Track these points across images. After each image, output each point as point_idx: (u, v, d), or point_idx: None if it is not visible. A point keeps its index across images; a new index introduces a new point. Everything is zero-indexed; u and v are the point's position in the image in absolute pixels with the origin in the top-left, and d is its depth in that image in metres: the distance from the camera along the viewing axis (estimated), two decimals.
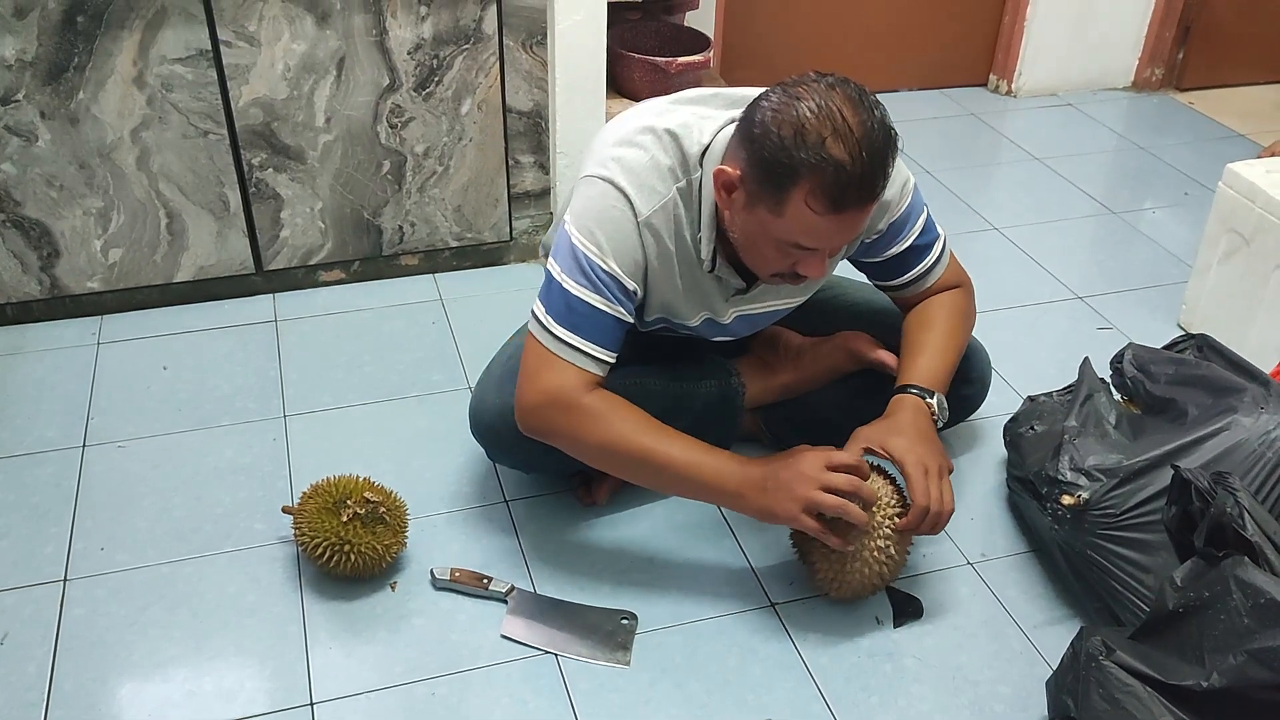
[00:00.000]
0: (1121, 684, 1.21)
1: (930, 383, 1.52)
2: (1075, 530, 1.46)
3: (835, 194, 1.26)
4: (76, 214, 2.00)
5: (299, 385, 1.94)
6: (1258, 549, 1.20)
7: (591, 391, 1.41)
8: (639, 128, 1.42)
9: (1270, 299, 1.96)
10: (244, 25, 1.91)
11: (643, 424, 1.42)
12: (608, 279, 1.39)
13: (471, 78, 2.08)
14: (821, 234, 1.32)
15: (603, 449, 1.42)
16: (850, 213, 1.29)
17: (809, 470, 1.38)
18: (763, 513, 1.41)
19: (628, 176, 1.39)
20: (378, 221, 2.18)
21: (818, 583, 1.49)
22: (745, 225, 1.36)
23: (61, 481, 1.72)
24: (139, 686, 1.40)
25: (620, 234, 1.39)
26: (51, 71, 1.86)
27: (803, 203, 1.28)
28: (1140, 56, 3.25)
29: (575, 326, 1.40)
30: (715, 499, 1.47)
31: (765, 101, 1.30)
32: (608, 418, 1.41)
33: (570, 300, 1.39)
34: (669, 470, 1.41)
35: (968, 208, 2.60)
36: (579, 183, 1.43)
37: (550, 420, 1.43)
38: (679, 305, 1.51)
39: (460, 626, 1.49)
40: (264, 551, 1.60)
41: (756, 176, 1.30)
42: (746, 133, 1.31)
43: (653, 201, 1.40)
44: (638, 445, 1.40)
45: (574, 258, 1.39)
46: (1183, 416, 1.51)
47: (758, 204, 1.32)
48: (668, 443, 1.41)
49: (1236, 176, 2.02)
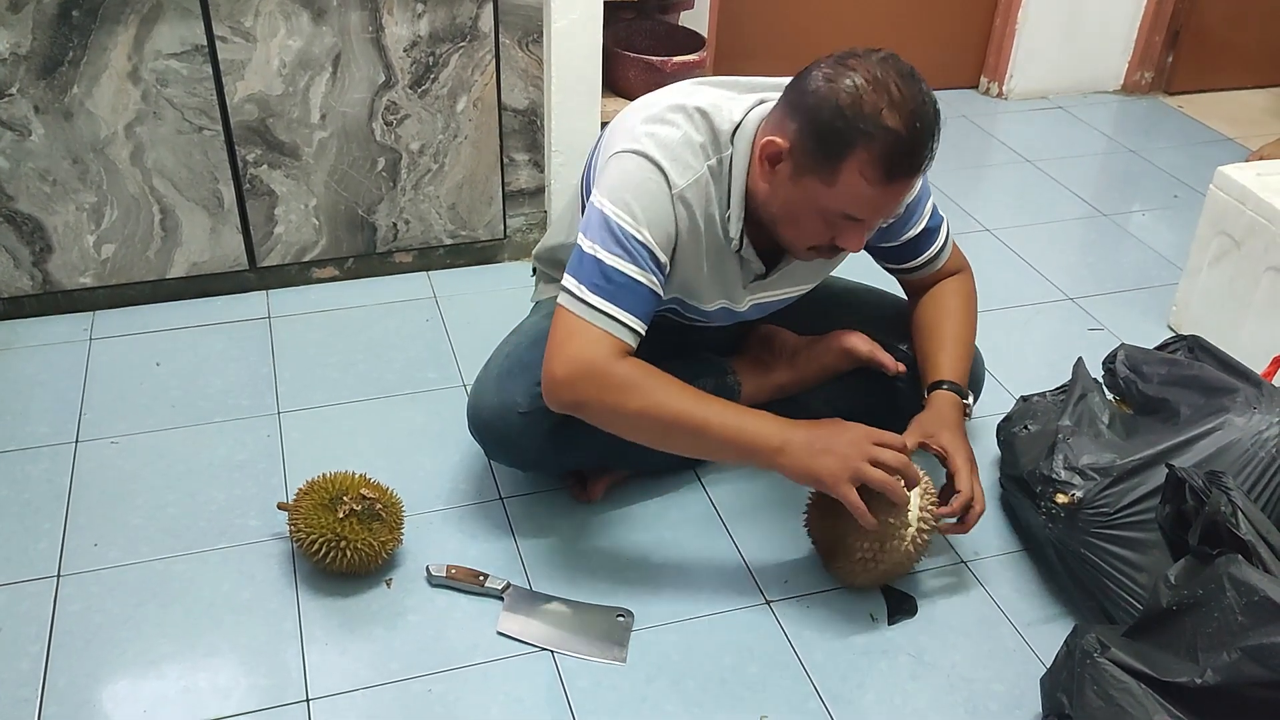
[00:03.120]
0: (1116, 681, 1.22)
1: (960, 378, 1.57)
2: (1069, 529, 1.47)
3: (889, 164, 1.29)
4: (69, 209, 1.99)
5: (292, 382, 1.94)
6: (1251, 547, 1.21)
7: (624, 360, 1.39)
8: (669, 105, 1.43)
9: (1260, 301, 1.97)
10: (240, 21, 1.91)
11: (678, 389, 1.39)
12: (642, 249, 1.38)
13: (467, 75, 2.08)
14: (870, 204, 1.34)
15: (641, 416, 1.38)
16: (900, 183, 1.32)
17: (860, 441, 1.38)
18: (805, 474, 1.38)
19: (662, 150, 1.39)
20: (372, 219, 2.18)
21: (854, 562, 1.47)
22: (790, 197, 1.37)
23: (54, 478, 1.71)
24: (133, 683, 1.40)
25: (655, 205, 1.39)
26: (45, 66, 1.85)
27: (856, 172, 1.29)
28: (1130, 60, 3.27)
29: (611, 296, 1.38)
30: (755, 459, 1.41)
31: (817, 72, 1.32)
32: (644, 385, 1.37)
33: (605, 269, 1.37)
34: (708, 433, 1.38)
35: (959, 209, 2.61)
36: (610, 160, 1.42)
37: (583, 391, 1.38)
38: (699, 286, 1.51)
39: (456, 623, 1.49)
40: (259, 548, 1.59)
41: (809, 146, 1.31)
42: (797, 103, 1.33)
43: (687, 175, 1.40)
44: (677, 410, 1.37)
45: (608, 229, 1.38)
46: (1175, 416, 1.52)
47: (807, 174, 1.33)
48: (706, 406, 1.39)
49: (1227, 179, 2.03)
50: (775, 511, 1.68)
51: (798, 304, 1.77)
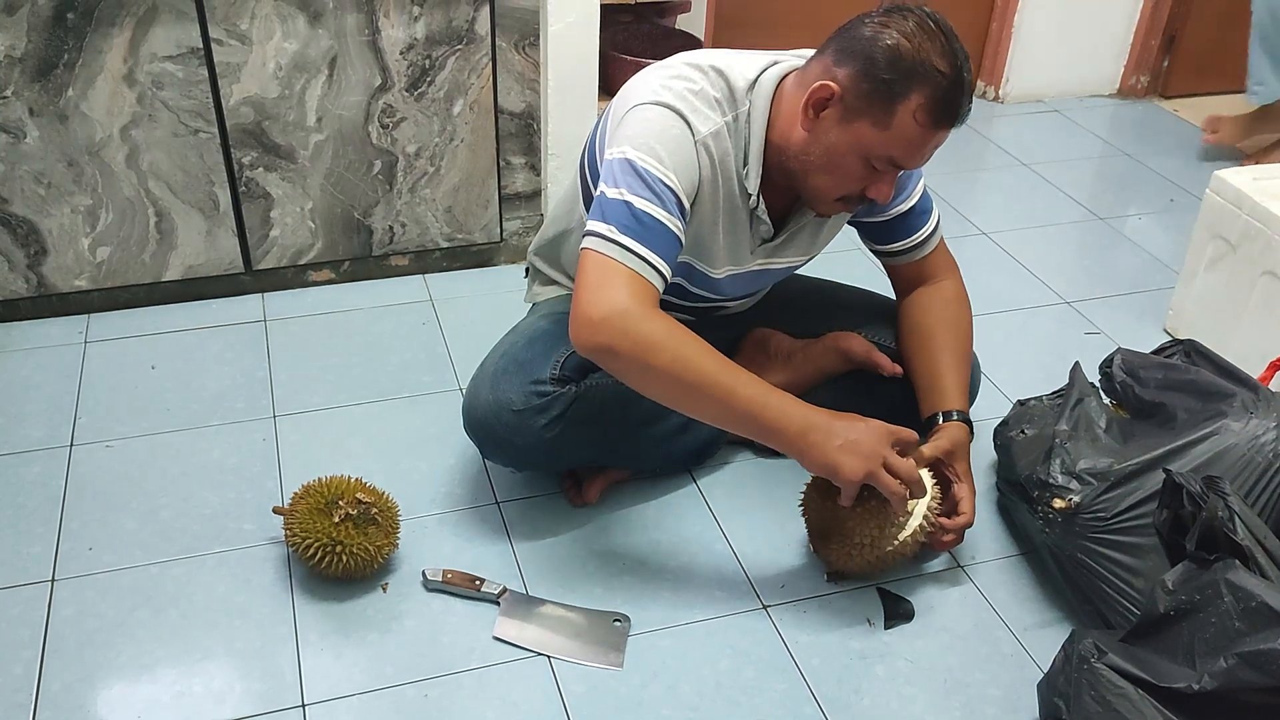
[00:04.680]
0: (1113, 686, 1.22)
1: (967, 404, 1.62)
2: (1066, 533, 1.47)
3: (941, 108, 1.34)
4: (64, 212, 1.98)
5: (288, 385, 1.93)
6: (1248, 553, 1.21)
7: (656, 308, 1.36)
8: (683, 63, 1.45)
9: (1256, 305, 1.97)
10: (235, 23, 1.90)
11: (709, 352, 1.36)
12: (669, 192, 1.37)
13: (463, 78, 2.08)
14: (916, 148, 1.38)
15: (667, 373, 1.33)
16: (943, 130, 1.37)
17: (882, 441, 1.39)
18: (825, 465, 1.38)
19: (682, 101, 1.40)
20: (368, 221, 2.17)
21: (850, 545, 1.49)
22: (835, 142, 1.38)
23: (48, 481, 1.70)
24: (127, 688, 1.39)
25: (680, 150, 1.39)
26: (40, 68, 1.85)
27: (911, 114, 1.33)
28: (1126, 64, 3.27)
29: (642, 237, 1.35)
30: (775, 439, 1.38)
31: (869, 20, 1.36)
32: (674, 340, 1.33)
33: (635, 211, 1.35)
34: (732, 401, 1.36)
35: (956, 213, 2.61)
36: (628, 114, 1.41)
37: (615, 338, 1.32)
38: (712, 245, 1.51)
39: (452, 628, 1.48)
40: (254, 552, 1.59)
41: (865, 89, 1.34)
42: (848, 49, 1.36)
43: (709, 124, 1.42)
44: (705, 371, 1.34)
45: (635, 173, 1.36)
46: (1172, 421, 1.52)
47: (860, 117, 1.36)
48: (734, 374, 1.37)
49: (1224, 183, 2.03)
50: (772, 515, 1.68)
51: (793, 306, 1.77)
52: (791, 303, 1.77)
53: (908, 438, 1.43)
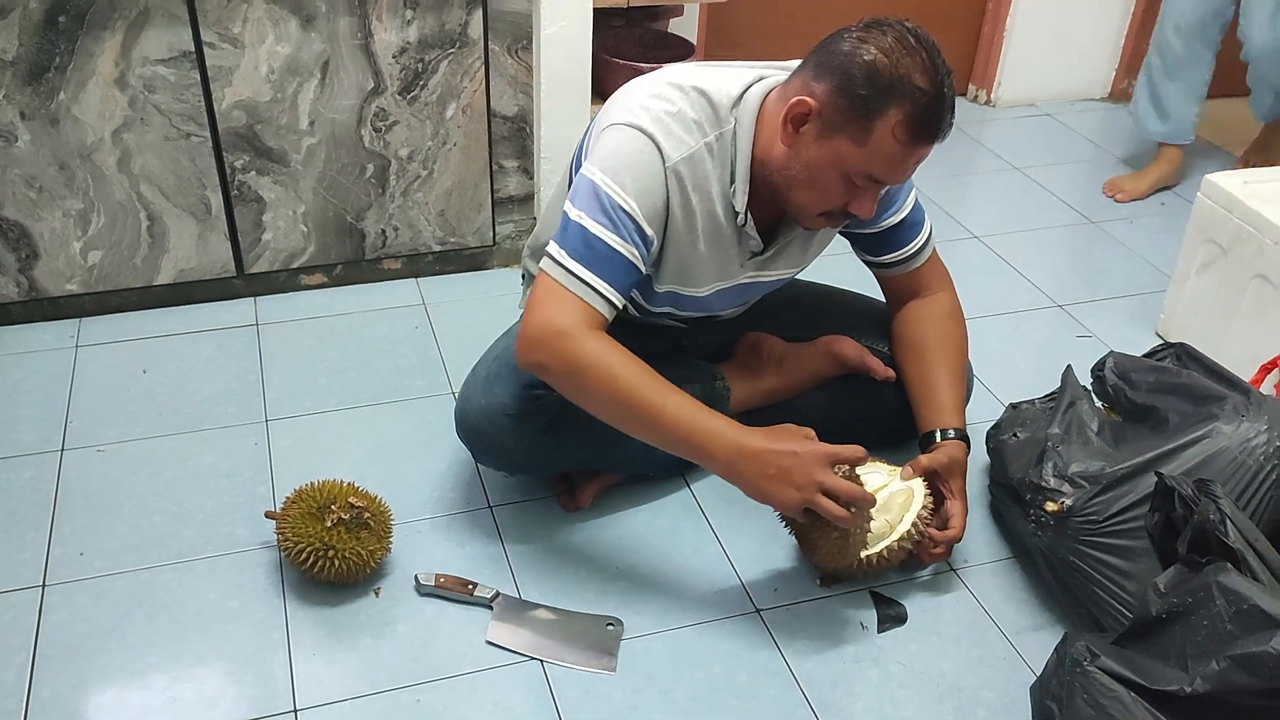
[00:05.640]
0: (1105, 689, 1.22)
1: (963, 420, 1.62)
2: (1058, 536, 1.47)
3: (920, 125, 1.32)
4: (56, 215, 1.98)
5: (280, 390, 1.93)
6: (1240, 556, 1.21)
7: (595, 331, 1.39)
8: (665, 83, 1.44)
9: (1247, 308, 1.98)
10: (228, 27, 1.90)
11: (642, 372, 1.38)
12: (627, 219, 1.39)
13: (456, 82, 2.07)
14: (896, 164, 1.36)
15: (598, 391, 1.38)
16: (924, 146, 1.36)
17: (814, 467, 1.36)
18: (757, 494, 1.39)
19: (656, 124, 1.40)
20: (361, 225, 2.17)
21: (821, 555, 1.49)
22: (815, 158, 1.38)
23: (39, 486, 1.70)
24: (119, 694, 1.39)
25: (646, 177, 1.40)
26: (32, 71, 1.84)
27: (889, 131, 1.32)
28: (1117, 68, 3.28)
29: (590, 263, 1.38)
30: (709, 465, 1.41)
31: (848, 35, 1.35)
32: (608, 359, 1.37)
33: (588, 237, 1.38)
34: (661, 422, 1.37)
35: (948, 216, 2.62)
36: (603, 133, 1.43)
37: (547, 355, 1.38)
38: (695, 268, 1.51)
39: (445, 633, 1.48)
40: (246, 557, 1.58)
41: (842, 105, 1.33)
42: (827, 64, 1.35)
43: (681, 150, 1.41)
44: (634, 392, 1.37)
45: (595, 197, 1.39)
46: (1164, 424, 1.53)
47: (837, 133, 1.35)
48: (664, 394, 1.38)
49: (1214, 187, 2.04)
50: (764, 519, 1.67)
51: (787, 310, 1.77)
52: (784, 306, 1.77)
53: (850, 457, 1.39)
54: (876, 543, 1.49)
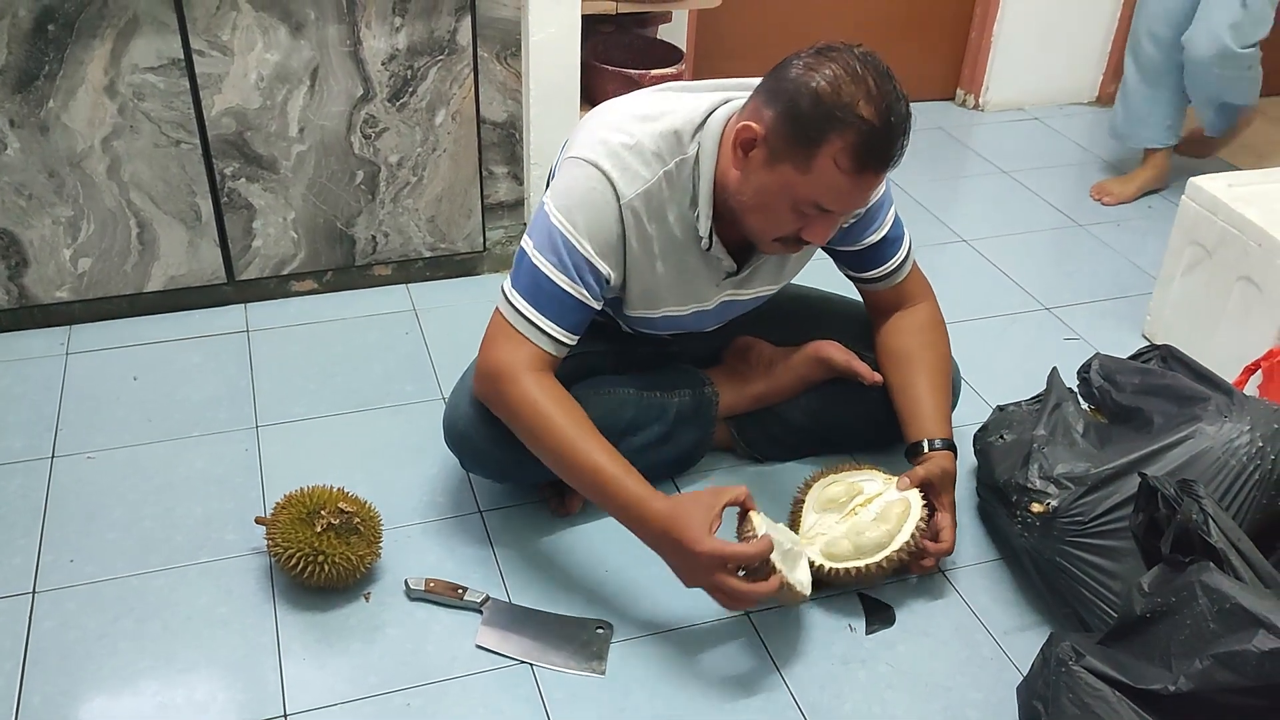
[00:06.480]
0: (1091, 689, 1.23)
1: (949, 432, 1.62)
2: (1044, 537, 1.48)
3: (863, 154, 1.30)
4: (45, 223, 1.98)
5: (271, 396, 1.93)
6: (1223, 555, 1.22)
7: (539, 372, 1.42)
8: (627, 114, 1.45)
9: (1232, 310, 1.99)
10: (217, 35, 1.91)
11: (576, 421, 1.41)
12: (579, 260, 1.41)
13: (445, 89, 2.08)
14: (842, 194, 1.35)
15: (528, 434, 1.44)
16: (870, 176, 1.34)
17: (702, 574, 1.36)
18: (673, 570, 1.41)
19: (612, 160, 1.41)
20: (351, 231, 2.17)
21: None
22: (762, 184, 1.37)
23: (29, 493, 1.70)
24: (109, 700, 1.39)
25: (599, 215, 1.41)
26: (21, 79, 1.85)
27: (831, 160, 1.31)
28: (1104, 72, 3.30)
29: (539, 303, 1.42)
30: (627, 526, 1.42)
31: (797, 61, 1.34)
32: (543, 403, 1.41)
33: (538, 277, 1.41)
34: (583, 478, 1.41)
35: (936, 220, 2.63)
36: (564, 163, 1.45)
37: (494, 390, 1.45)
38: (662, 293, 1.52)
39: (435, 637, 1.49)
40: (236, 563, 1.58)
41: (786, 132, 1.32)
42: (775, 90, 1.34)
43: (636, 185, 1.42)
44: (563, 439, 1.40)
45: (549, 235, 1.41)
46: (1149, 425, 1.54)
47: (782, 161, 1.34)
48: (590, 447, 1.40)
49: (1199, 190, 2.05)
50: None
51: (774, 315, 1.78)
52: (773, 311, 1.78)
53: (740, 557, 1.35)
54: (877, 552, 1.50)
